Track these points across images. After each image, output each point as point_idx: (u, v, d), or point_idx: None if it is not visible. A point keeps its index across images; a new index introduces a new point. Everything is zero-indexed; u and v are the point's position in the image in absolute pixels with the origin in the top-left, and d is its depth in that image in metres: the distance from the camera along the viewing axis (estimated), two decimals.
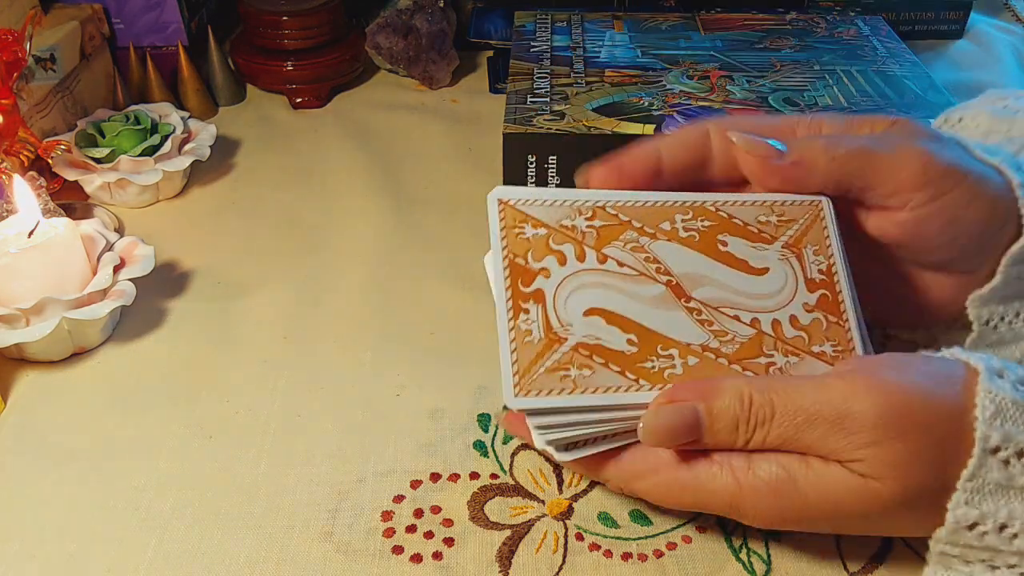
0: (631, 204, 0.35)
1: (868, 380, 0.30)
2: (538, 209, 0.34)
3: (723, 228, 0.35)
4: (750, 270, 0.35)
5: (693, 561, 0.36)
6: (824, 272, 0.36)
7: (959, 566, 0.32)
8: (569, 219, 0.34)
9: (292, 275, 0.53)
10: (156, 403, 0.44)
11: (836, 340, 0.35)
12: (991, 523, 0.30)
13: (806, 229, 0.36)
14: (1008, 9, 0.87)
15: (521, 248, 0.34)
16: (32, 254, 0.45)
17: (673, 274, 0.34)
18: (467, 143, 0.66)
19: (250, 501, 0.39)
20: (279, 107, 0.71)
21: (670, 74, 0.61)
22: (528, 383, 0.32)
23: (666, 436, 0.32)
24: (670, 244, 0.35)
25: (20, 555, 0.36)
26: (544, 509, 0.38)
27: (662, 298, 0.34)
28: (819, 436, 0.30)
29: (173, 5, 0.69)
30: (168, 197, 0.60)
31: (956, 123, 0.44)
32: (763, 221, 0.36)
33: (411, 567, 0.36)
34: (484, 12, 0.78)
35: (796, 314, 0.35)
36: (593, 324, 0.33)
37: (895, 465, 0.30)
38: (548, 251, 0.34)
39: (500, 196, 0.35)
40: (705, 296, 0.34)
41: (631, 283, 0.34)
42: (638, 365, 0.33)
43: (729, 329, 0.34)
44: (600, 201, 0.35)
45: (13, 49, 0.51)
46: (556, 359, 0.32)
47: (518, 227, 0.34)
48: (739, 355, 0.34)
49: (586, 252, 0.34)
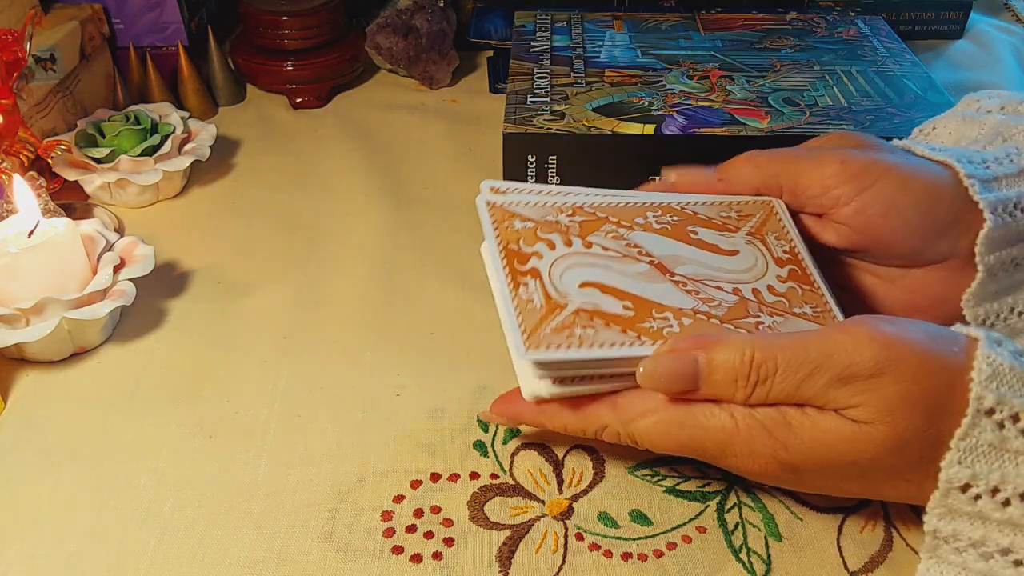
0: (607, 204, 0.39)
1: (870, 331, 0.31)
2: (524, 209, 0.38)
3: (691, 222, 0.39)
4: (722, 252, 0.38)
5: (693, 561, 0.36)
6: (788, 252, 0.39)
7: (951, 556, 0.32)
8: (552, 216, 0.38)
9: (292, 275, 0.53)
10: (156, 403, 0.44)
11: (814, 303, 0.37)
12: (983, 485, 0.30)
13: (764, 220, 0.40)
14: (1008, 9, 0.87)
15: (513, 237, 0.36)
16: (32, 254, 0.45)
17: (654, 256, 0.37)
18: (467, 143, 0.66)
19: (250, 501, 0.39)
20: (279, 107, 0.71)
21: (670, 74, 0.61)
22: (537, 340, 0.33)
23: (664, 381, 0.33)
24: (646, 234, 0.38)
25: (20, 555, 0.37)
26: (544, 509, 0.39)
27: (648, 274, 0.36)
28: (820, 387, 0.31)
29: (173, 5, 0.69)
30: (168, 197, 0.60)
31: (930, 131, 0.46)
32: (725, 216, 0.40)
33: (411, 567, 0.36)
34: (484, 12, 0.78)
35: (772, 284, 0.38)
36: (589, 294, 0.35)
37: (889, 410, 0.31)
38: (537, 239, 0.36)
39: (488, 199, 0.38)
40: (687, 272, 0.37)
41: (618, 262, 0.36)
42: (638, 324, 0.34)
43: (715, 296, 0.36)
44: (579, 202, 0.38)
45: (13, 49, 0.51)
46: (560, 320, 0.34)
47: (507, 221, 0.37)
48: (729, 316, 0.36)
49: (572, 240, 0.37)
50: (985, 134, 0.43)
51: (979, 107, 0.45)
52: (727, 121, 0.55)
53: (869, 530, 0.38)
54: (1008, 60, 0.77)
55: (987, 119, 0.43)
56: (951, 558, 0.32)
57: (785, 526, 0.38)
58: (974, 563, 0.32)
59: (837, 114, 0.56)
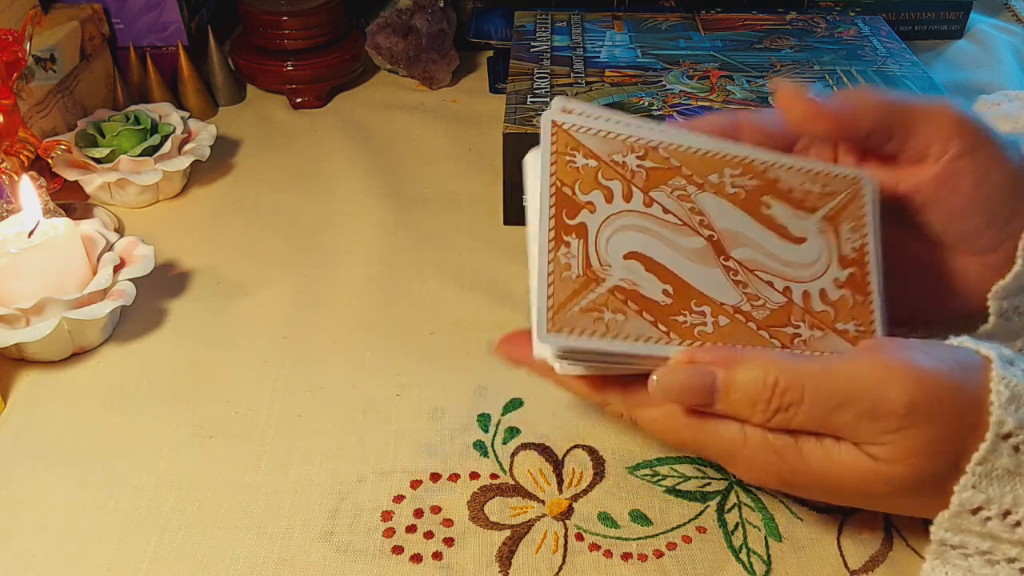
0: (684, 149, 0.35)
1: (901, 365, 0.30)
2: (592, 139, 0.33)
3: (769, 189, 0.35)
4: (789, 237, 0.35)
5: (693, 561, 0.36)
6: (857, 250, 0.36)
7: (957, 560, 0.32)
8: (621, 155, 0.34)
9: (292, 275, 0.53)
10: (156, 403, 0.44)
11: (860, 320, 0.35)
12: (995, 508, 0.30)
13: (846, 203, 0.36)
14: (1008, 9, 0.87)
15: (570, 177, 0.33)
16: (32, 254, 0.45)
17: (715, 229, 0.34)
18: (467, 143, 0.66)
19: (250, 501, 0.39)
20: (279, 107, 0.71)
21: (670, 74, 0.61)
22: (562, 320, 0.31)
23: (678, 394, 0.32)
24: (716, 198, 0.34)
25: (20, 555, 0.36)
26: (544, 509, 0.38)
27: (701, 252, 0.34)
28: (848, 421, 0.30)
29: (173, 5, 0.69)
30: (168, 197, 0.60)
31: None
32: (807, 190, 0.36)
33: (411, 567, 0.36)
34: (484, 12, 0.77)
35: (826, 288, 0.35)
36: (632, 269, 0.32)
37: (914, 453, 0.30)
38: (596, 185, 0.33)
39: (555, 118, 0.33)
40: (743, 257, 0.34)
41: (674, 232, 0.33)
42: (671, 317, 0.32)
43: (762, 294, 0.34)
44: (654, 141, 0.34)
45: (13, 49, 0.51)
46: (592, 299, 0.32)
47: (569, 154, 0.33)
48: (768, 321, 0.34)
49: (633, 192, 0.33)
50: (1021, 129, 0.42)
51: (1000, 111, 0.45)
52: None
53: (869, 530, 0.38)
54: (1008, 60, 0.77)
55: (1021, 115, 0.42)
56: (957, 562, 0.32)
57: (785, 526, 0.38)
58: (980, 568, 0.32)
59: None
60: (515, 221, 0.57)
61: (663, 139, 0.34)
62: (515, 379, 0.45)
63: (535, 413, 0.43)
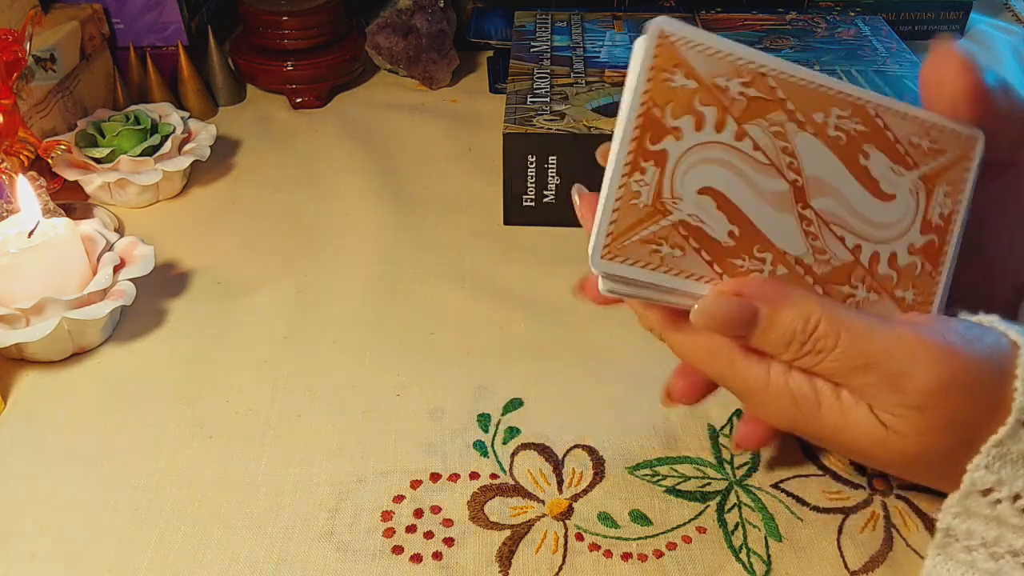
0: (794, 81, 0.32)
1: (937, 345, 0.30)
2: (697, 56, 0.31)
3: (872, 138, 0.33)
4: (878, 193, 0.34)
5: (693, 561, 0.36)
6: (944, 218, 0.34)
7: (960, 554, 0.32)
8: (724, 78, 0.31)
9: (292, 275, 0.53)
10: (156, 403, 0.44)
11: (921, 289, 0.34)
12: (1006, 491, 0.30)
13: (950, 165, 0.34)
14: (1008, 9, 0.87)
15: (663, 97, 0.31)
16: (32, 254, 0.45)
17: (802, 174, 0.33)
18: (467, 143, 0.66)
19: (250, 501, 0.39)
20: (279, 107, 0.71)
21: None
22: (618, 247, 0.31)
23: (718, 324, 0.31)
24: (814, 139, 0.33)
25: (20, 555, 0.36)
26: (544, 509, 0.39)
27: (780, 197, 0.32)
28: (870, 383, 0.30)
29: (173, 5, 0.69)
30: (168, 197, 0.60)
31: None
32: (914, 143, 0.34)
33: (411, 567, 0.36)
34: (484, 12, 0.78)
35: (898, 252, 0.34)
36: (703, 205, 0.31)
37: (927, 431, 0.30)
38: (689, 110, 0.31)
39: (664, 28, 0.31)
40: (822, 207, 0.33)
41: (757, 172, 0.32)
42: (729, 260, 0.32)
43: (829, 248, 0.33)
44: (765, 67, 0.32)
45: (13, 49, 0.51)
46: (654, 231, 0.31)
47: (669, 71, 0.31)
48: (827, 278, 0.33)
49: (727, 122, 0.32)
50: None
51: None
52: None
53: (869, 530, 0.38)
54: (1008, 60, 0.77)
55: None
56: (960, 556, 0.32)
57: (785, 526, 0.38)
58: (983, 563, 0.32)
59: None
60: (515, 221, 0.57)
61: (775, 67, 0.32)
62: (515, 379, 0.45)
63: (535, 413, 0.43)
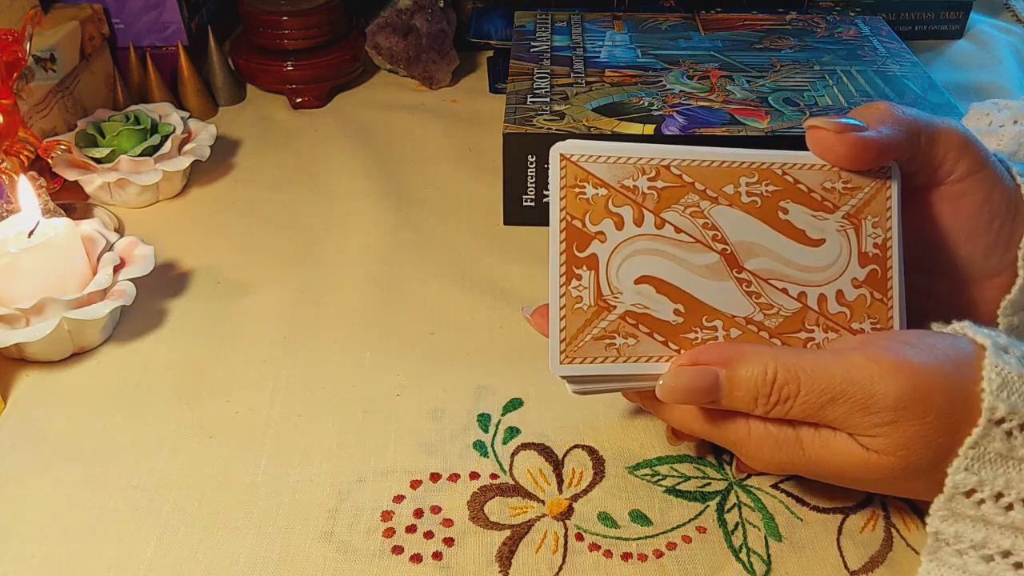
0: (696, 164, 0.34)
1: (894, 361, 0.31)
2: (601, 167, 0.34)
3: (786, 194, 0.35)
4: (806, 240, 0.35)
5: (693, 561, 0.36)
6: (879, 246, 0.35)
7: (951, 557, 0.33)
8: (631, 179, 0.34)
9: (292, 275, 0.53)
10: (156, 403, 0.44)
11: (876, 317, 0.35)
12: (988, 490, 0.31)
13: (870, 199, 0.35)
14: (1008, 9, 0.87)
15: (579, 210, 0.33)
16: (32, 254, 0.45)
17: (729, 243, 0.34)
18: (467, 143, 0.66)
19: (250, 501, 0.39)
20: (279, 107, 0.71)
21: (670, 74, 0.61)
22: (574, 350, 0.33)
23: (683, 396, 0.33)
24: (730, 210, 0.34)
25: (20, 555, 0.36)
26: (544, 509, 0.38)
27: (714, 268, 0.34)
28: (842, 414, 0.31)
29: (173, 5, 0.69)
30: (168, 197, 0.60)
31: None
32: (828, 188, 0.35)
33: (411, 567, 0.36)
34: (484, 12, 0.78)
35: (843, 289, 0.35)
36: (643, 292, 0.33)
37: (904, 446, 0.31)
38: (606, 214, 0.33)
39: (563, 151, 0.34)
40: (757, 267, 0.34)
41: (685, 251, 0.34)
42: (682, 336, 0.34)
43: (775, 302, 0.34)
44: (666, 160, 0.34)
45: (13, 49, 0.51)
46: (603, 327, 0.33)
47: (579, 186, 0.33)
48: (781, 329, 0.34)
49: (644, 216, 0.34)
50: (1005, 145, 0.42)
51: (990, 122, 0.45)
52: (727, 121, 0.55)
53: (869, 530, 0.38)
54: (1008, 60, 0.77)
55: (1004, 132, 0.43)
56: (952, 560, 0.33)
57: (785, 526, 0.38)
58: (974, 565, 0.32)
59: (837, 114, 0.56)
60: (515, 221, 0.57)
61: (675, 156, 0.34)
62: (515, 379, 0.45)
63: (535, 413, 0.43)
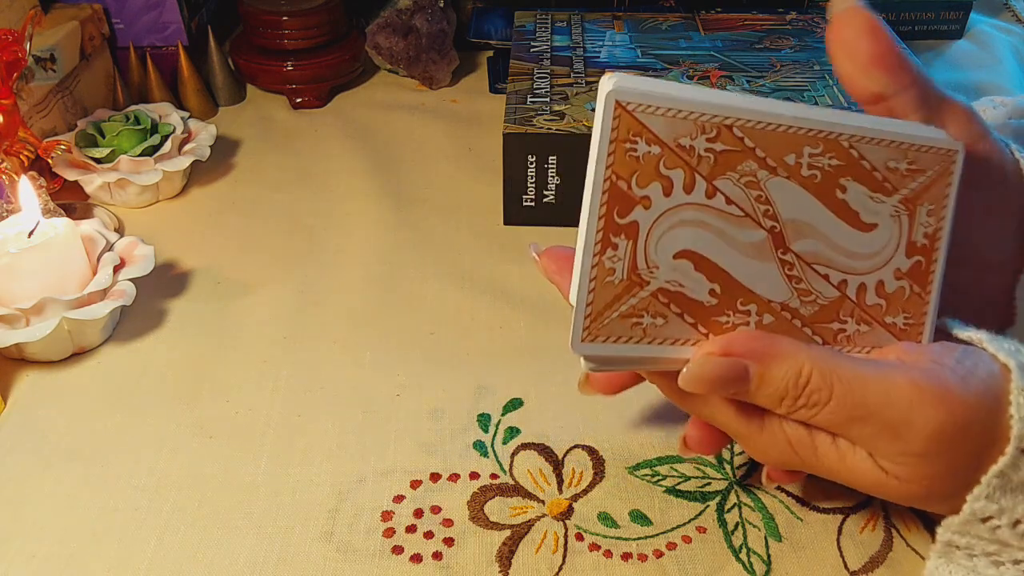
0: (761, 127, 0.31)
1: (936, 390, 0.29)
2: (659, 121, 0.30)
3: (848, 170, 0.32)
4: (859, 224, 0.33)
5: (693, 561, 0.36)
6: (929, 236, 0.34)
7: (962, 559, 0.32)
8: (689, 138, 0.30)
9: (292, 275, 0.53)
10: (156, 403, 0.44)
11: (911, 312, 0.34)
12: (1006, 519, 0.30)
13: (930, 183, 0.34)
14: (1008, 9, 0.87)
15: (627, 169, 0.30)
16: (32, 254, 0.45)
17: (779, 220, 0.32)
18: (467, 143, 0.66)
19: (250, 501, 0.39)
20: (279, 107, 0.71)
21: (670, 74, 0.61)
22: (598, 327, 0.30)
23: (708, 386, 0.30)
24: (788, 183, 0.32)
25: (20, 555, 0.37)
26: (544, 509, 0.39)
27: (759, 246, 0.32)
28: (868, 434, 0.30)
29: (173, 5, 0.69)
30: (168, 197, 0.60)
31: None
32: (891, 168, 0.33)
33: (411, 567, 0.36)
34: (484, 12, 0.77)
35: (885, 280, 0.33)
36: (680, 269, 0.31)
37: (930, 476, 0.30)
38: (656, 176, 0.30)
39: (619, 97, 0.29)
40: (803, 249, 0.32)
41: (733, 225, 0.31)
42: (713, 318, 0.31)
43: (814, 288, 0.32)
44: (729, 118, 0.31)
45: (13, 49, 0.51)
46: (633, 304, 0.30)
47: (630, 141, 0.30)
48: (814, 318, 0.33)
49: (696, 182, 0.30)
50: None
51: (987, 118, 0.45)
52: None
53: (869, 530, 0.38)
54: (1008, 60, 0.77)
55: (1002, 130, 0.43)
56: (961, 561, 0.32)
57: (785, 526, 0.38)
58: (985, 568, 0.32)
59: None
60: (515, 221, 0.57)
61: (740, 116, 0.31)
62: (515, 379, 0.45)
63: (535, 413, 0.43)
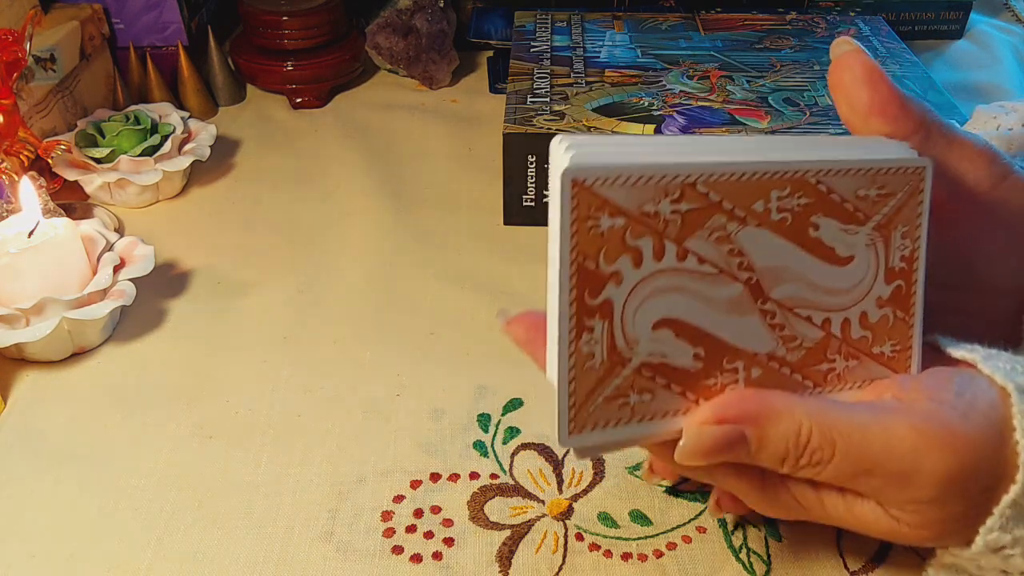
0: (725, 178, 0.30)
1: (940, 433, 0.28)
2: (619, 191, 0.28)
3: (818, 207, 0.31)
4: (835, 259, 0.32)
5: (693, 561, 0.36)
6: (906, 259, 0.33)
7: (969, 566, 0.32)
8: (653, 203, 0.29)
9: (292, 275, 0.53)
10: (156, 403, 0.44)
11: (897, 339, 0.33)
12: (1020, 548, 0.29)
13: (902, 205, 0.33)
14: (1008, 9, 0.87)
15: (593, 247, 0.28)
16: (32, 254, 0.45)
17: (755, 269, 0.31)
18: (467, 143, 0.66)
19: (250, 501, 0.39)
20: (279, 107, 0.71)
21: (670, 74, 0.61)
22: (584, 417, 0.28)
23: (706, 458, 0.29)
24: (759, 231, 0.31)
25: (20, 555, 0.36)
26: (544, 509, 0.39)
27: (738, 301, 0.31)
28: (876, 486, 0.29)
29: (173, 5, 0.69)
30: (168, 197, 0.60)
31: None
32: (861, 196, 0.32)
33: (411, 567, 0.36)
34: (484, 12, 0.78)
35: (867, 310, 0.33)
36: (660, 339, 0.29)
37: (943, 521, 0.29)
38: (623, 249, 0.28)
39: (576, 175, 0.27)
40: (782, 295, 0.31)
41: (708, 284, 0.30)
42: (701, 383, 0.30)
43: (799, 332, 0.32)
44: (691, 175, 0.29)
45: (13, 49, 0.51)
46: (616, 384, 0.29)
47: (592, 217, 0.28)
48: (802, 363, 0.32)
49: (666, 247, 0.29)
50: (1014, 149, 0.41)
51: (998, 125, 0.44)
52: (727, 121, 0.55)
53: None
54: (1008, 60, 0.77)
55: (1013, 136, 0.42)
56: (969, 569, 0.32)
57: (785, 526, 0.38)
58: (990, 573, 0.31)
59: (837, 114, 0.56)
60: (515, 221, 0.57)
61: (704, 168, 0.29)
62: (515, 379, 0.45)
63: (535, 413, 0.43)
